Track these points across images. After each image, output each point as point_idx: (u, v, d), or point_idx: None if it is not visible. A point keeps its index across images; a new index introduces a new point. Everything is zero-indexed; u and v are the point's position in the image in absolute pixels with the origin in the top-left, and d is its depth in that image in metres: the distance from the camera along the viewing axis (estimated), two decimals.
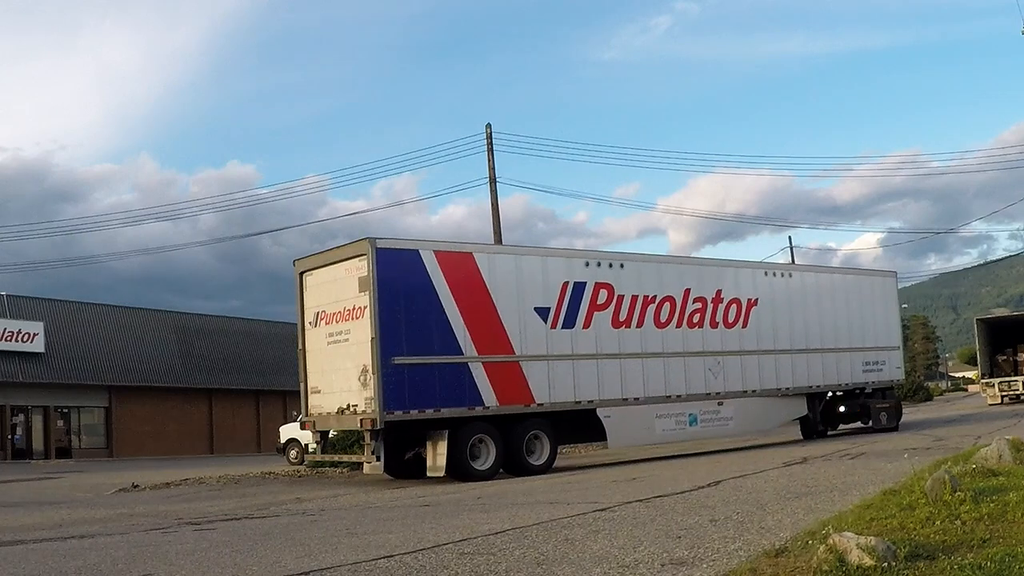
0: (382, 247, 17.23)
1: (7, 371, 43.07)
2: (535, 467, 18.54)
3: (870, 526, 6.98)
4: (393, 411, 16.89)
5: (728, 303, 22.53)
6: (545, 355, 18.97)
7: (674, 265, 22.58)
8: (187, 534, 10.69)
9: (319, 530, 10.20)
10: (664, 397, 20.93)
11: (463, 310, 17.89)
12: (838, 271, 28.16)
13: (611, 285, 20.21)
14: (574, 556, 7.06)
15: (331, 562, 7.41)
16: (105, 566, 8.12)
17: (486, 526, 9.32)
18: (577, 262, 20.07)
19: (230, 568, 7.57)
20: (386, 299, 17.07)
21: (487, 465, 17.88)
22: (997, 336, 46.12)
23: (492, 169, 32.76)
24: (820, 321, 24.84)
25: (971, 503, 7.37)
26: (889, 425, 25.77)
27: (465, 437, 17.59)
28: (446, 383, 17.57)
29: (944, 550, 5.96)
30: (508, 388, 18.42)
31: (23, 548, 9.99)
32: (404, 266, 17.45)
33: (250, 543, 9.34)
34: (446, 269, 17.82)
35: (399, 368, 16.97)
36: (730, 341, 22.50)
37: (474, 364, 17.96)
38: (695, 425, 21.56)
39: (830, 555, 5.61)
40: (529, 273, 19.10)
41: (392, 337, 17.00)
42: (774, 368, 23.44)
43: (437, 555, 7.50)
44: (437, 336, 17.55)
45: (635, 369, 20.45)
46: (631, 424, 20.29)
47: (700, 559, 6.62)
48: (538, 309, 19.01)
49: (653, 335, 20.88)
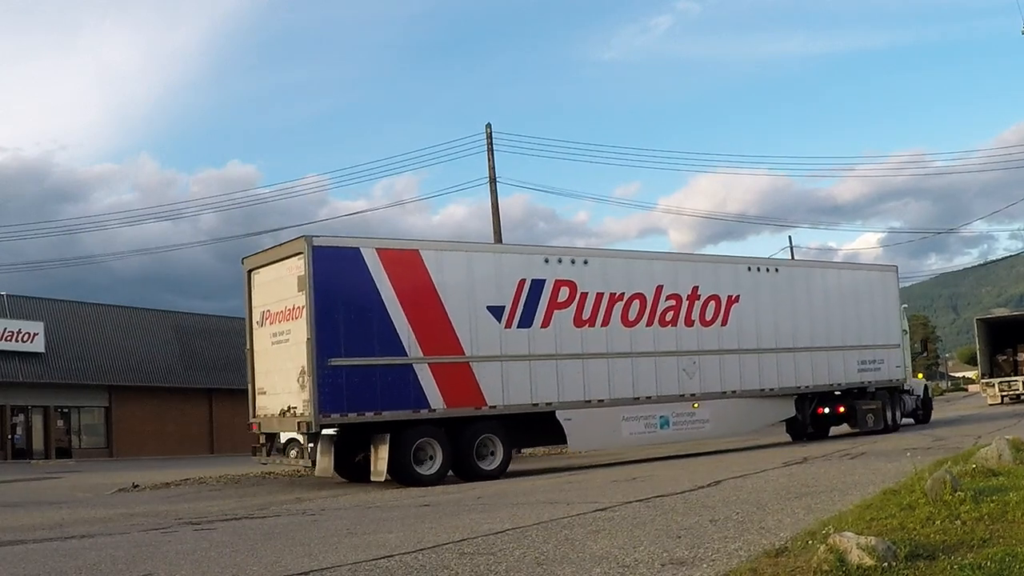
0: (319, 245, 16.75)
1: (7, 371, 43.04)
2: (487, 472, 17.85)
3: (870, 526, 6.98)
4: (329, 414, 16.36)
5: (706, 300, 21.63)
6: (499, 356, 18.27)
7: (645, 261, 21.58)
8: (187, 534, 10.69)
9: (319, 530, 10.20)
10: (632, 399, 20.12)
11: (408, 310, 17.29)
12: (831, 266, 26.99)
13: (573, 282, 19.45)
14: (574, 556, 7.06)
15: (331, 562, 7.41)
16: (105, 566, 8.12)
17: (486, 526, 9.32)
18: (536, 259, 19.32)
19: (230, 568, 7.57)
20: (323, 299, 16.56)
21: (433, 470, 17.23)
22: (997, 336, 46.14)
23: (492, 169, 32.75)
24: (810, 318, 23.88)
25: (971, 503, 7.37)
26: (876, 427, 24.62)
27: (409, 440, 17.00)
28: (388, 385, 16.97)
29: (944, 550, 5.97)
30: (457, 390, 17.72)
31: (23, 548, 9.99)
32: (344, 265, 16.93)
33: (250, 543, 9.34)
34: (390, 267, 17.22)
35: (336, 370, 16.42)
36: (708, 340, 21.60)
37: (419, 365, 17.29)
38: (667, 428, 20.70)
39: (830, 555, 5.61)
40: (482, 271, 18.41)
41: (329, 338, 16.46)
42: (757, 368, 22.51)
43: (437, 555, 7.50)
44: (379, 336, 16.97)
45: (599, 370, 19.67)
46: (594, 427, 19.55)
47: (700, 559, 6.62)
48: (491, 308, 18.30)
49: (620, 334, 20.06)
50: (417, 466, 17.13)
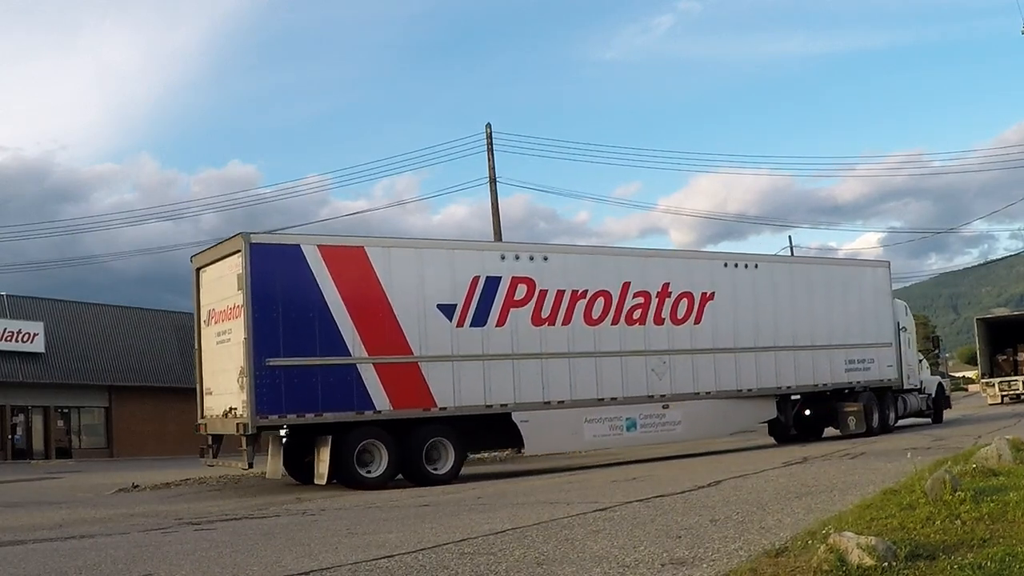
0: (256, 242, 16.39)
1: (7, 371, 43.06)
2: (437, 476, 17.37)
3: (870, 526, 6.98)
4: (267, 415, 16.02)
5: (677, 297, 20.90)
6: (450, 356, 17.75)
7: (611, 257, 20.88)
8: (187, 534, 10.70)
9: (319, 530, 10.20)
10: (595, 400, 19.49)
11: (351, 308, 16.86)
12: (817, 262, 25.76)
13: (532, 279, 18.86)
14: (574, 556, 7.06)
15: (331, 562, 7.41)
16: (105, 566, 8.11)
17: (486, 526, 9.32)
18: (491, 255, 18.82)
19: (230, 568, 7.57)
20: (260, 297, 16.19)
21: (378, 473, 16.82)
22: (997, 336, 46.18)
23: (492, 169, 32.79)
24: (793, 316, 23.02)
25: (971, 503, 7.37)
26: (858, 430, 23.46)
27: (352, 442, 16.60)
28: (330, 386, 16.56)
29: (944, 550, 5.96)
30: (404, 391, 17.27)
31: (23, 548, 9.99)
32: (283, 262, 16.55)
33: (250, 543, 9.34)
34: (333, 265, 16.84)
35: (274, 370, 16.08)
36: (680, 339, 20.86)
37: (363, 365, 16.88)
38: (634, 430, 20.06)
39: (830, 555, 5.61)
40: (433, 268, 17.90)
41: (266, 337, 16.12)
42: (734, 368, 21.70)
43: (437, 555, 7.49)
44: (320, 336, 16.57)
45: (560, 370, 19.06)
46: (554, 429, 19.00)
47: (700, 559, 6.62)
48: (442, 306, 17.81)
49: (583, 333, 19.44)
50: (361, 469, 16.73)
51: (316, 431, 16.75)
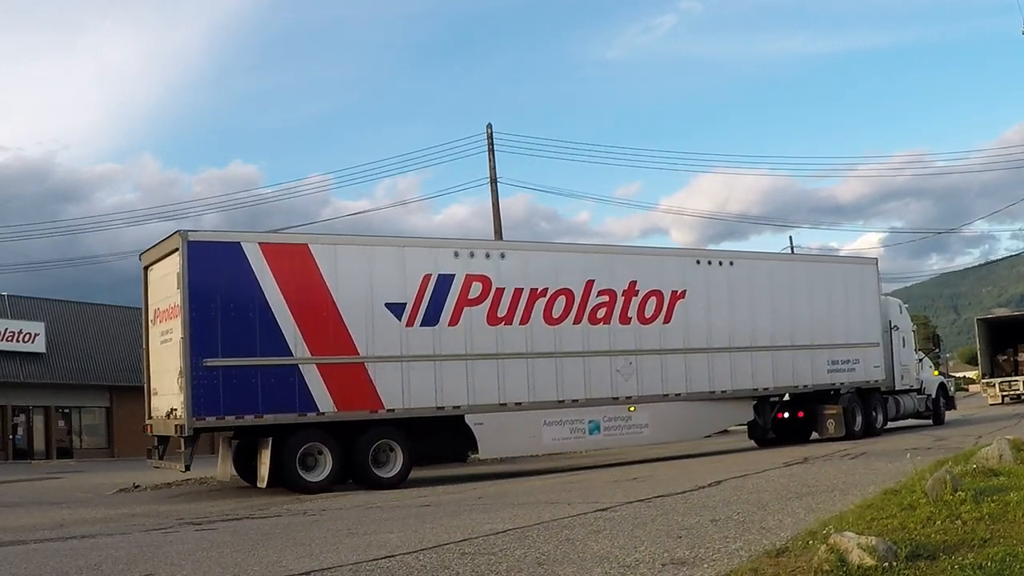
0: (194, 240, 16.07)
1: (8, 371, 43.06)
2: (385, 480, 16.94)
3: (871, 526, 6.98)
4: (204, 417, 15.70)
5: (645, 296, 20.25)
6: (398, 356, 17.28)
7: (574, 254, 20.32)
8: (188, 534, 10.71)
9: (320, 530, 10.21)
10: (556, 402, 18.96)
11: (294, 307, 16.49)
12: (799, 259, 24.80)
13: (487, 278, 18.36)
14: (575, 556, 7.06)
15: (332, 562, 7.41)
16: (106, 566, 8.12)
17: (487, 526, 9.32)
18: (444, 253, 18.20)
19: (231, 568, 7.57)
20: (198, 296, 15.86)
21: (322, 476, 16.46)
22: (998, 336, 46.18)
23: (493, 169, 32.80)
24: (772, 315, 22.28)
25: (972, 503, 7.38)
26: (837, 434, 22.66)
27: (294, 446, 16.23)
28: (270, 387, 16.18)
29: (945, 550, 5.97)
30: (349, 392, 16.86)
31: (24, 548, 10.01)
32: (222, 260, 16.19)
33: (251, 543, 9.34)
34: (274, 263, 16.45)
35: (212, 370, 15.74)
36: (648, 339, 20.23)
37: (306, 366, 16.48)
38: (597, 433, 19.51)
39: (831, 555, 5.61)
40: (382, 266, 17.44)
41: (204, 337, 15.81)
42: (707, 369, 21.00)
43: (438, 555, 7.50)
44: (261, 336, 16.19)
45: (518, 371, 18.53)
46: (510, 432, 18.50)
47: (701, 559, 6.62)
48: (391, 305, 17.34)
49: (543, 333, 18.89)
50: (304, 472, 16.39)
51: (258, 433, 16.47)
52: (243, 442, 17.09)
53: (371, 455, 16.98)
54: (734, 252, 24.19)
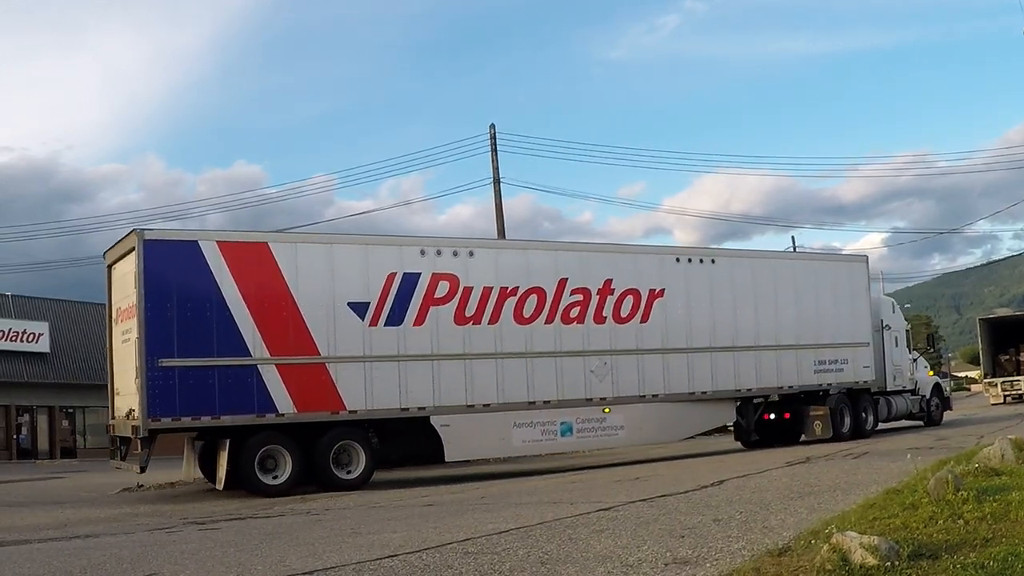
0: (150, 239, 15.83)
1: (12, 371, 43.14)
2: (346, 482, 16.67)
3: (873, 525, 7.00)
4: (159, 418, 15.47)
5: (621, 295, 19.80)
6: (361, 356, 16.95)
7: (546, 252, 19.79)
8: (192, 534, 10.74)
9: (323, 530, 10.24)
10: (526, 403, 18.56)
11: (253, 307, 16.20)
12: (785, 257, 24.28)
13: (455, 276, 18.00)
14: (578, 555, 7.08)
15: (336, 561, 7.43)
16: (110, 565, 8.15)
17: (490, 525, 9.34)
18: (410, 251, 17.84)
19: (235, 567, 7.59)
20: (154, 296, 15.60)
21: (282, 479, 16.20)
22: (1000, 336, 46.16)
23: (496, 169, 32.80)
24: (755, 314, 21.75)
25: (974, 502, 7.39)
26: (824, 436, 22.09)
27: (253, 447, 15.99)
28: (228, 388, 15.92)
29: (947, 549, 5.98)
30: (310, 393, 16.55)
31: (28, 548, 10.04)
32: (179, 259, 15.94)
33: (255, 543, 9.37)
34: (233, 262, 16.18)
35: (168, 371, 15.50)
36: (624, 338, 19.78)
37: (265, 367, 16.19)
38: (569, 435, 19.10)
39: (833, 554, 5.63)
40: (344, 264, 17.12)
41: (159, 337, 15.56)
42: (686, 369, 20.52)
43: (441, 555, 7.52)
44: (218, 336, 15.94)
45: (486, 371, 18.16)
46: (478, 434, 18.09)
47: (704, 558, 6.64)
48: (353, 304, 17.00)
49: (513, 333, 18.51)
50: (264, 475, 16.16)
51: (218, 435, 16.27)
52: (208, 443, 16.90)
53: (333, 457, 16.75)
54: (716, 250, 23.82)
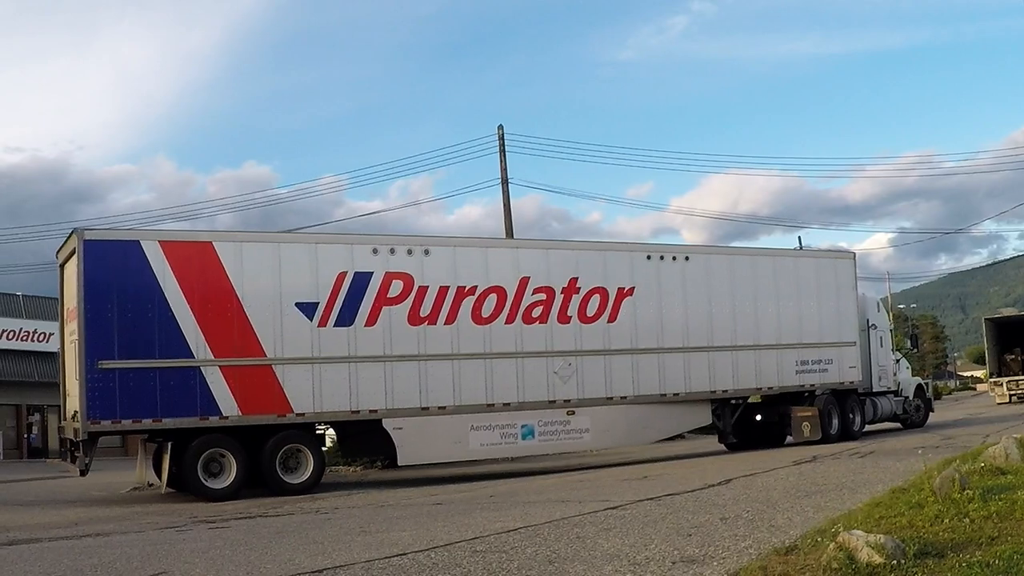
0: (90, 239, 15.58)
1: (23, 370, 43.21)
2: (294, 486, 16.35)
3: (879, 524, 7.04)
4: (99, 420, 15.22)
5: (588, 293, 19.17)
6: (309, 358, 16.56)
7: (506, 250, 19.33)
8: (201, 532, 10.80)
9: (333, 528, 10.29)
10: (485, 406, 18.04)
11: (196, 308, 15.88)
12: (764, 253, 23.33)
13: (409, 275, 17.53)
14: (586, 554, 7.12)
15: (345, 560, 7.48)
16: (120, 564, 8.21)
17: (498, 524, 9.39)
18: (362, 249, 17.38)
19: (244, 566, 7.65)
20: (93, 297, 15.36)
21: (226, 483, 15.88)
22: (1005, 335, 46.05)
23: (504, 170, 32.81)
24: (732, 313, 20.99)
25: (979, 501, 7.42)
26: (813, 438, 21.45)
27: (197, 451, 15.68)
28: (170, 390, 15.60)
29: (953, 548, 6.02)
30: (256, 395, 16.19)
31: (39, 546, 10.10)
32: (120, 260, 15.63)
33: (264, 541, 9.42)
34: (175, 262, 15.85)
35: (108, 373, 15.23)
36: (590, 339, 19.16)
37: (208, 368, 15.85)
38: (531, 438, 18.56)
39: (840, 553, 5.67)
40: (292, 264, 16.73)
41: (99, 339, 15.29)
42: (657, 370, 19.84)
43: (450, 553, 7.57)
44: (160, 337, 15.62)
45: (443, 373, 17.69)
46: (432, 437, 17.61)
47: (711, 557, 6.68)
48: (301, 305, 16.63)
49: (472, 333, 17.99)
50: (208, 478, 15.86)
51: (160, 438, 16.17)
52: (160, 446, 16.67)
53: (280, 461, 16.46)
54: (690, 246, 23.31)
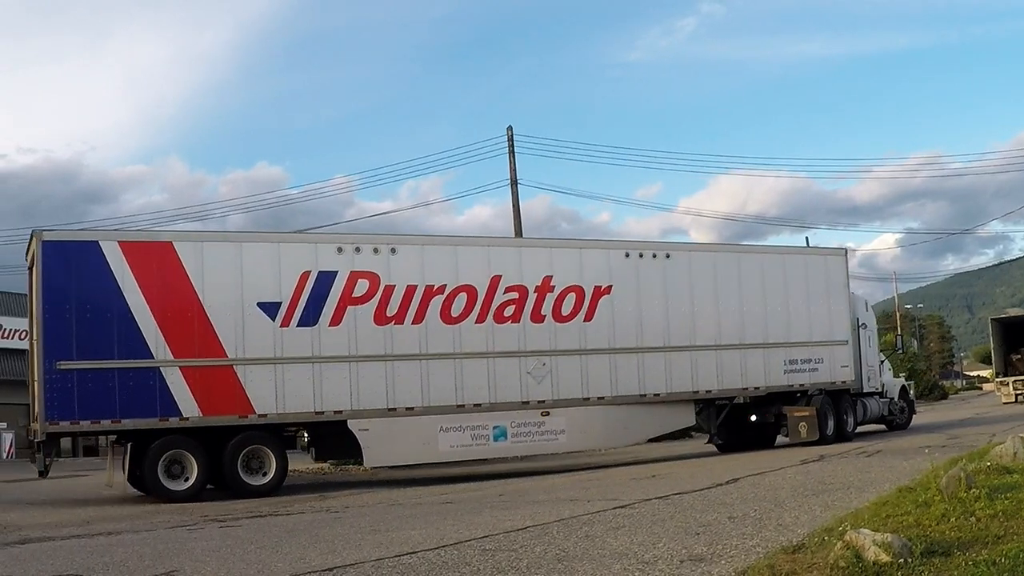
0: (48, 239, 15.55)
1: None
2: (256, 488, 16.15)
3: (886, 523, 7.07)
4: (57, 421, 15.22)
5: (563, 292, 18.84)
6: (272, 358, 16.42)
7: (476, 248, 18.99)
8: (212, 531, 10.86)
9: (343, 527, 10.34)
10: (455, 407, 17.79)
11: (155, 308, 15.79)
12: (750, 250, 22.98)
13: (375, 274, 17.35)
14: (594, 552, 7.17)
15: (355, 558, 7.53)
16: (132, 563, 8.26)
17: (508, 523, 9.44)
18: (326, 248, 17.27)
19: (255, 565, 7.70)
20: (51, 297, 15.35)
21: (187, 485, 15.73)
22: (1011, 335, 46.01)
23: (513, 171, 32.87)
24: (716, 312, 20.56)
25: (986, 500, 7.45)
26: (810, 439, 20.82)
27: (157, 452, 15.58)
28: (129, 391, 15.52)
29: (959, 546, 6.05)
30: (216, 396, 16.09)
31: (52, 544, 10.17)
32: (78, 260, 15.62)
33: (275, 540, 9.49)
34: (135, 262, 15.78)
35: (66, 374, 15.18)
36: (566, 338, 18.83)
37: (168, 369, 15.76)
38: (503, 440, 18.24)
39: (847, 551, 5.70)
40: (254, 264, 16.62)
41: (57, 339, 15.27)
42: (636, 370, 19.48)
43: (460, 552, 7.62)
44: (119, 338, 15.55)
45: (410, 373, 17.45)
46: (400, 438, 17.40)
47: (719, 555, 6.72)
48: (264, 305, 16.49)
49: (440, 332, 17.74)
50: (170, 480, 15.73)
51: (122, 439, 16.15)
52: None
53: (242, 462, 16.29)
54: (671, 244, 22.89)
